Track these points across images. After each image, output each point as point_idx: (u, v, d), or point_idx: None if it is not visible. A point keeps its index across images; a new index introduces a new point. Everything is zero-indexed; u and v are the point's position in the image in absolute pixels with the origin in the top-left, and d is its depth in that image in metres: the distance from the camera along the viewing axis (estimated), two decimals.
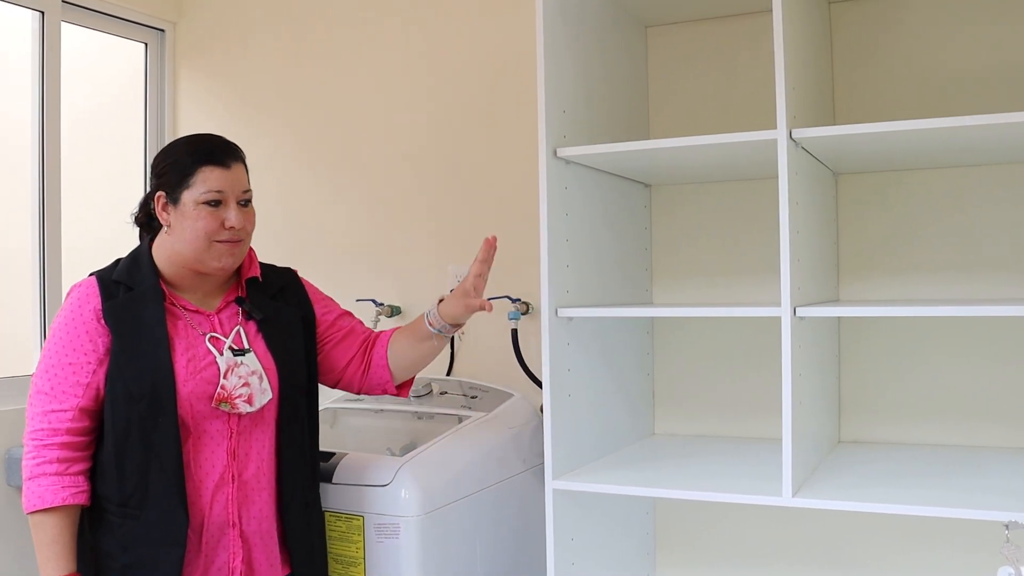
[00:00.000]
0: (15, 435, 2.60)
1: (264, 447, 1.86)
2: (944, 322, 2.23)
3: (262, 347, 1.88)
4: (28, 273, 2.89)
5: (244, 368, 1.82)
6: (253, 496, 1.84)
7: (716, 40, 2.45)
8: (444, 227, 2.84)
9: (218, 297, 1.90)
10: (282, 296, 1.97)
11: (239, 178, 1.84)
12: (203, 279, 1.87)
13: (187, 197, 1.80)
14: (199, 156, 1.81)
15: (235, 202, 1.82)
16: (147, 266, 1.84)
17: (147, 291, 1.81)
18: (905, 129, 1.76)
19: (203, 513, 1.78)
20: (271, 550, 1.87)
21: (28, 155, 2.88)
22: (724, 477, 1.99)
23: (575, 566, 2.05)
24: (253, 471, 1.84)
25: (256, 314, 1.90)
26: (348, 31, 2.99)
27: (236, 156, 1.86)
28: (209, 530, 1.79)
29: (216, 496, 1.79)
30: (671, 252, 2.51)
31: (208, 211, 1.79)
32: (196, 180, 1.79)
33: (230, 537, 1.81)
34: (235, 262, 1.85)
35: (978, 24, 2.20)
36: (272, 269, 2.02)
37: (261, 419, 1.85)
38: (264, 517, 1.85)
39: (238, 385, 1.80)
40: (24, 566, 2.60)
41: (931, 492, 1.80)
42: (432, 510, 2.01)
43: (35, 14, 2.85)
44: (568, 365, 2.06)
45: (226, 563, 1.81)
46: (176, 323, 1.82)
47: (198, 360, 1.80)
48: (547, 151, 1.99)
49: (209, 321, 1.86)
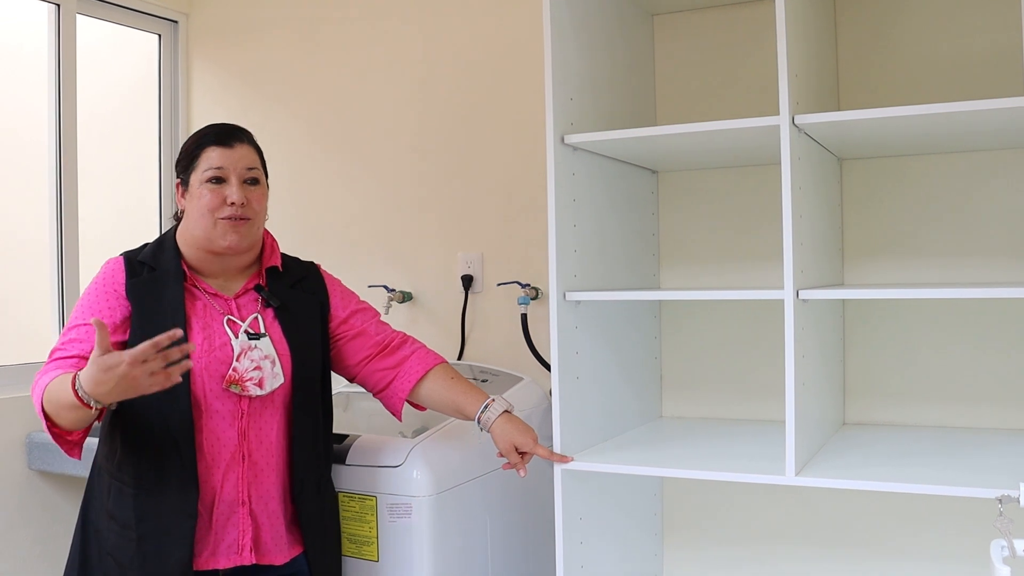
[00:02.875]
0: (35, 420, 2.63)
1: (274, 430, 1.90)
2: (948, 305, 2.26)
3: (278, 333, 1.92)
4: (44, 263, 2.94)
5: (257, 352, 1.86)
6: (263, 477, 1.88)
7: (722, 28, 2.47)
8: (454, 214, 2.87)
9: (238, 283, 1.95)
10: (301, 286, 2.01)
11: (242, 156, 1.88)
12: (222, 263, 1.91)
13: (194, 179, 1.87)
14: (204, 140, 1.89)
15: (238, 179, 1.86)
16: (171, 249, 1.90)
17: (169, 272, 1.87)
18: (907, 115, 1.78)
19: (215, 490, 1.84)
20: (279, 530, 1.91)
21: (44, 148, 2.92)
22: (729, 457, 2.03)
23: (584, 545, 2.09)
24: (263, 452, 1.88)
25: (273, 301, 1.94)
26: (358, 22, 3.02)
27: (240, 138, 1.91)
28: (220, 507, 1.84)
29: (227, 474, 1.84)
30: (678, 237, 2.54)
31: (210, 188, 1.85)
32: (200, 161, 1.86)
33: (240, 515, 1.85)
34: (241, 240, 1.87)
35: (982, 9, 2.21)
36: (296, 261, 2.07)
37: (272, 402, 1.89)
38: (272, 497, 1.90)
39: (249, 368, 1.84)
40: (46, 549, 2.65)
41: (930, 471, 1.83)
42: (443, 490, 2.06)
43: (51, 7, 2.89)
44: (576, 348, 2.09)
45: (235, 540, 1.85)
46: (195, 303, 1.87)
47: (213, 339, 1.85)
48: (554, 138, 2.02)
49: (228, 305, 1.91)
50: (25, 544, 2.62)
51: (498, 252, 2.80)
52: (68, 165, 2.91)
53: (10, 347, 3.02)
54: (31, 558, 2.63)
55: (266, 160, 1.97)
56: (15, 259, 3.17)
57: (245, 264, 1.95)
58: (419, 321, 2.91)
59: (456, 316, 2.85)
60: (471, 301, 2.84)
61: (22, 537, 2.62)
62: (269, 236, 2.02)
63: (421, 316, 2.91)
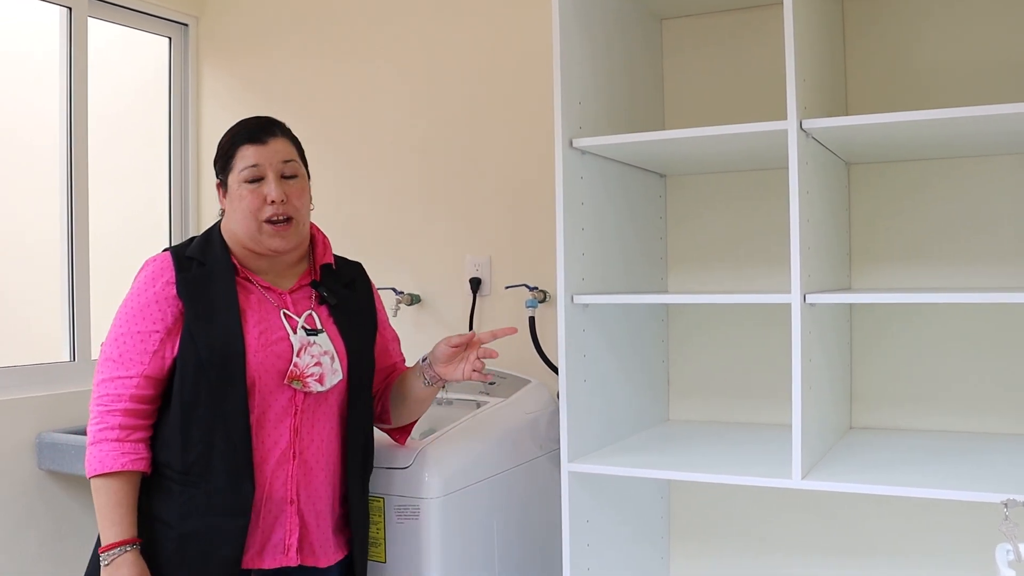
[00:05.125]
0: (45, 420, 2.67)
1: (326, 428, 1.86)
2: (955, 310, 2.26)
3: (333, 331, 1.89)
4: (55, 264, 2.95)
5: (317, 348, 1.82)
6: (313, 476, 1.83)
7: (730, 32, 2.48)
8: (462, 217, 2.88)
9: (291, 279, 1.91)
10: (353, 286, 2.00)
11: (278, 150, 1.84)
12: (270, 261, 1.87)
13: (232, 180, 1.84)
14: (238, 138, 1.85)
15: (275, 175, 1.82)
16: (219, 244, 1.86)
17: (219, 266, 1.82)
18: (915, 120, 1.79)
19: (264, 487, 1.78)
20: (326, 531, 1.86)
21: (55, 150, 2.94)
22: (736, 461, 2.03)
23: (590, 547, 2.10)
24: (315, 451, 1.84)
25: (331, 299, 1.91)
26: (367, 25, 3.03)
27: (273, 132, 1.86)
28: (268, 505, 1.79)
29: (277, 471, 1.79)
30: (686, 241, 2.54)
31: (249, 189, 1.81)
32: (236, 161, 1.83)
33: (288, 514, 1.80)
34: (286, 244, 1.84)
35: (992, 15, 2.21)
36: (344, 260, 2.04)
37: (326, 400, 1.85)
38: (321, 497, 1.85)
39: (310, 364, 1.80)
40: (54, 549, 2.66)
41: (936, 475, 1.84)
42: (451, 492, 2.06)
43: (63, 10, 2.91)
44: (584, 351, 2.10)
45: (282, 540, 1.80)
46: (248, 296, 1.83)
47: (270, 333, 1.81)
48: (563, 142, 2.03)
49: (282, 299, 1.87)
50: (34, 544, 2.63)
51: (506, 255, 2.81)
52: (79, 167, 2.92)
53: (21, 348, 3.03)
54: (40, 558, 2.64)
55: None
56: (26, 260, 3.18)
57: (295, 260, 1.92)
58: (427, 323, 2.92)
59: (464, 319, 2.86)
60: (479, 304, 2.85)
61: (31, 537, 2.63)
62: (320, 232, 1.99)
63: (429, 319, 2.92)
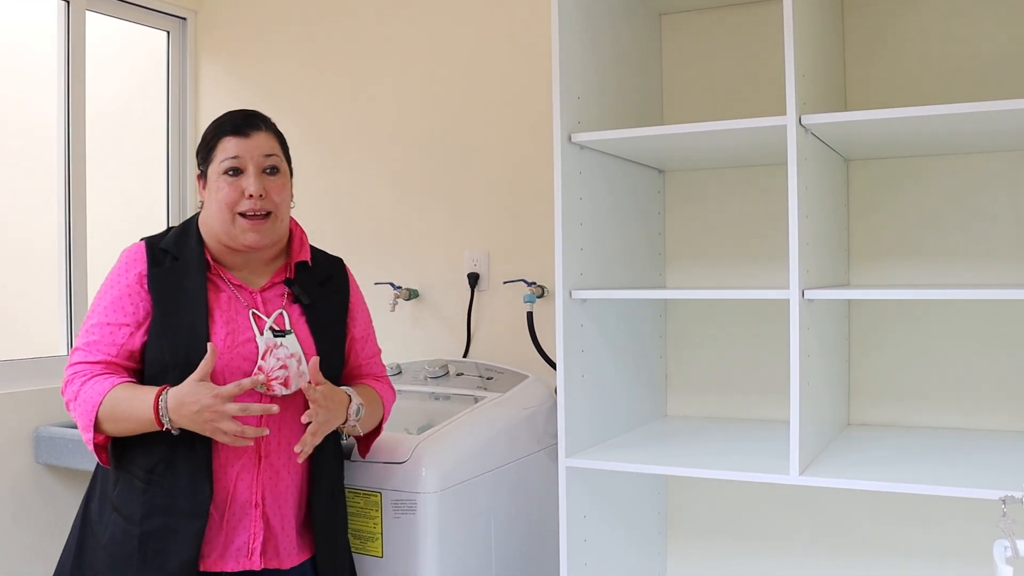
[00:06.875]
0: (43, 414, 2.67)
1: (293, 430, 1.81)
2: (953, 306, 2.26)
3: (304, 331, 1.85)
4: (52, 259, 2.95)
5: (283, 350, 1.78)
6: (279, 479, 1.81)
7: (730, 27, 2.48)
8: (460, 212, 2.88)
9: (265, 276, 1.88)
10: (330, 284, 1.96)
11: (260, 144, 1.82)
12: (245, 257, 1.85)
13: (211, 171, 1.81)
14: (221, 129, 1.83)
15: (255, 169, 1.79)
16: (194, 238, 1.83)
17: (192, 261, 1.80)
18: (914, 115, 1.79)
19: (227, 490, 1.76)
20: (290, 534, 1.84)
21: (53, 144, 2.94)
22: (734, 456, 2.03)
23: (587, 543, 2.10)
24: (281, 454, 1.81)
25: (304, 299, 1.87)
26: (366, 19, 3.03)
27: (257, 125, 1.84)
28: (232, 508, 1.76)
29: (242, 474, 1.77)
30: (684, 237, 2.54)
31: (228, 181, 1.79)
32: (217, 152, 1.81)
33: (252, 517, 1.78)
34: (260, 240, 1.81)
35: (990, 10, 2.21)
36: (323, 256, 2.00)
37: (293, 403, 1.79)
38: (287, 501, 1.82)
39: (275, 367, 1.77)
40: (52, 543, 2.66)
41: (934, 472, 1.84)
42: (448, 487, 2.06)
43: (61, 4, 2.91)
44: (581, 346, 2.10)
45: (246, 543, 1.77)
46: (219, 295, 1.81)
47: (237, 334, 1.78)
48: (561, 137, 2.02)
49: (253, 298, 1.84)
50: (32, 537, 2.64)
51: (504, 250, 2.81)
52: (77, 162, 2.92)
53: (19, 342, 3.03)
54: (37, 551, 2.64)
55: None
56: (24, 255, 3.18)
57: (271, 257, 1.89)
58: (425, 318, 2.92)
59: (462, 314, 2.85)
60: (477, 299, 2.84)
61: (29, 530, 2.63)
62: (298, 228, 1.95)
63: (427, 313, 2.92)
